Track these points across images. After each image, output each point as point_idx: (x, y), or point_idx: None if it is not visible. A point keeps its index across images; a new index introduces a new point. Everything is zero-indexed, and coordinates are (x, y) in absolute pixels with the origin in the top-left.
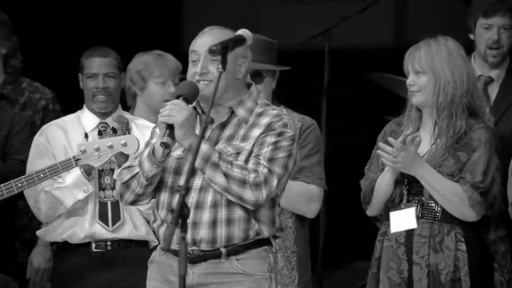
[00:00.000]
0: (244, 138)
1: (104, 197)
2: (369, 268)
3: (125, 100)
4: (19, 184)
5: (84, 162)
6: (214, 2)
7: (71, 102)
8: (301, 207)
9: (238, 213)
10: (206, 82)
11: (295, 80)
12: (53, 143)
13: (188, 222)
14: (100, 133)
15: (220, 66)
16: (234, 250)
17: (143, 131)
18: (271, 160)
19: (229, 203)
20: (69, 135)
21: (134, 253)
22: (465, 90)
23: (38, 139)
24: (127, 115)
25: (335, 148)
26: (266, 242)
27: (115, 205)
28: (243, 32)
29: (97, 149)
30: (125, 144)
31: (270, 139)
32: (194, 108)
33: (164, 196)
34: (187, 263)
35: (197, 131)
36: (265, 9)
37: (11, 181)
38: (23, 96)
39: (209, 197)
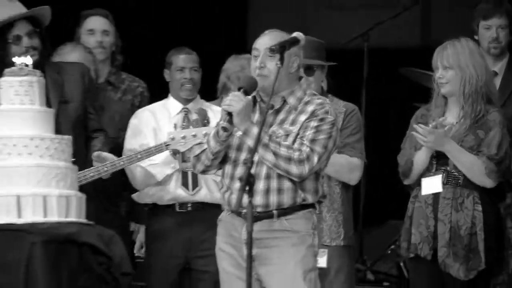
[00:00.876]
0: (293, 123)
1: (186, 168)
2: (403, 225)
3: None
4: (121, 162)
5: (173, 147)
6: (274, 8)
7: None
8: (345, 176)
9: (287, 184)
10: (264, 75)
11: (340, 74)
12: (144, 124)
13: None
14: (185, 117)
15: (278, 62)
16: (284, 212)
17: (218, 115)
18: (313, 141)
19: (280, 176)
20: (158, 117)
21: (210, 213)
22: (484, 81)
23: (132, 122)
24: (204, 103)
25: (374, 129)
26: (311, 205)
27: (195, 174)
28: (297, 34)
29: (183, 137)
30: (205, 135)
31: (313, 123)
32: (254, 97)
33: (228, 168)
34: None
35: (256, 116)
36: (314, 14)
37: (115, 159)
38: (124, 84)
39: (263, 170)
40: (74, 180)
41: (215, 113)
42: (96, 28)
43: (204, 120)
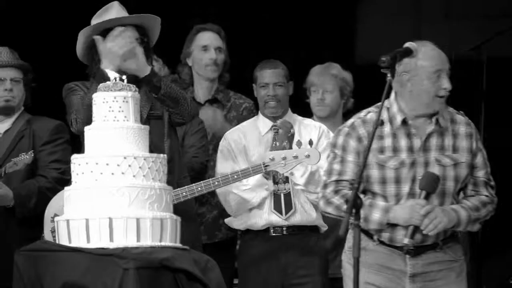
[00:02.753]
0: (455, 149)
1: (278, 190)
2: None
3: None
4: (216, 183)
5: (272, 169)
6: (383, 16)
7: None
8: None
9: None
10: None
11: (456, 86)
12: (234, 146)
13: None
14: (275, 135)
15: (389, 75)
16: (446, 240)
17: (309, 130)
18: (489, 180)
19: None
20: (248, 138)
21: (306, 237)
22: None
23: (222, 144)
24: (296, 116)
25: (494, 149)
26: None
27: (287, 196)
28: (410, 44)
29: (284, 158)
30: (308, 156)
31: (483, 154)
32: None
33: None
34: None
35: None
36: (428, 24)
37: (209, 179)
38: (230, 102)
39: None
40: (169, 202)
41: (306, 127)
42: (210, 45)
43: (288, 134)
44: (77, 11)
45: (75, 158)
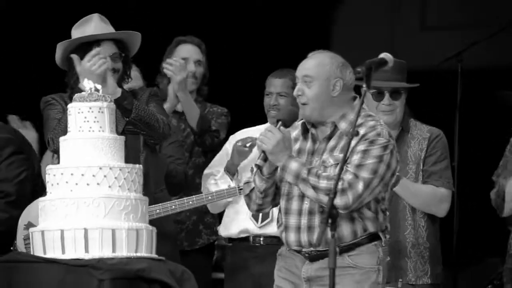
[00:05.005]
0: (343, 150)
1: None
2: (503, 264)
3: None
4: (190, 202)
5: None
6: (360, 28)
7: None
8: (432, 208)
9: (343, 216)
10: (303, 103)
11: (430, 97)
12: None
13: (301, 226)
14: None
15: (364, 86)
16: (347, 247)
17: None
18: (358, 166)
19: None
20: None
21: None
22: None
23: (226, 146)
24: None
25: (468, 157)
26: (375, 237)
27: None
28: (385, 55)
29: None
30: None
31: (361, 147)
32: (304, 124)
33: (282, 202)
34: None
35: (308, 144)
36: (403, 33)
37: (184, 198)
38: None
39: (315, 204)
40: (145, 212)
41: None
42: (190, 58)
43: None
44: (56, 21)
45: (50, 169)
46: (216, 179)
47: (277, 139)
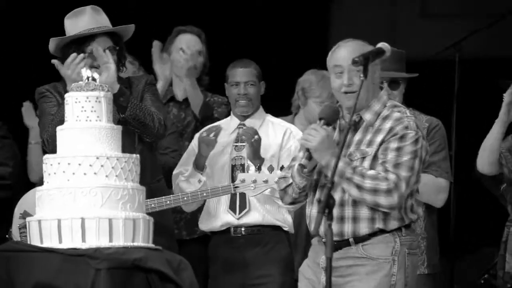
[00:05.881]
0: (370, 144)
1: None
2: (498, 252)
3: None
4: (185, 198)
5: (241, 190)
6: (360, 15)
7: None
8: (430, 198)
9: (364, 212)
10: (354, 91)
11: (428, 87)
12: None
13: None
14: (238, 134)
15: (362, 75)
16: (361, 238)
17: (276, 129)
18: (396, 165)
19: (355, 203)
20: (219, 135)
21: (267, 236)
22: None
23: (192, 144)
24: (270, 118)
25: (466, 147)
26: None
27: (243, 196)
28: (382, 45)
29: (254, 181)
30: (278, 182)
31: (393, 144)
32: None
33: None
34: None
35: (335, 135)
36: (403, 23)
37: (179, 194)
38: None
39: (336, 196)
40: (142, 202)
41: (274, 127)
42: (190, 47)
43: (251, 140)
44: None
45: (47, 158)
46: (186, 176)
47: (322, 137)
